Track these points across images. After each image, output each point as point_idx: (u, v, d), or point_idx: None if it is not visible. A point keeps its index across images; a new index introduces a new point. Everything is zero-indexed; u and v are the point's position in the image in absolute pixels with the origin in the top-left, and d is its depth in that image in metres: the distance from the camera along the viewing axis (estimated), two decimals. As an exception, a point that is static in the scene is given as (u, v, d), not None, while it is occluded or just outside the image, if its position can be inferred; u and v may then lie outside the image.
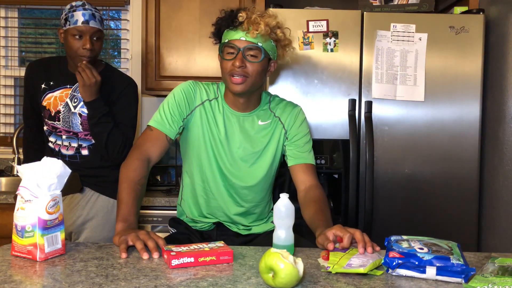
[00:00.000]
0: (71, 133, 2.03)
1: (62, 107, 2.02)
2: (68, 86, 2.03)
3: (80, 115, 2.00)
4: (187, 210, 1.70)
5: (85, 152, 2.04)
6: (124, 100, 2.05)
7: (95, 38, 1.95)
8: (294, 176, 1.66)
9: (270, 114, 1.66)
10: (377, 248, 1.23)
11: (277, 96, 1.73)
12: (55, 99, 2.03)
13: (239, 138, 1.61)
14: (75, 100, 2.02)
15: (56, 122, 2.03)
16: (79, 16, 1.92)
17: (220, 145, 1.60)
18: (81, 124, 2.01)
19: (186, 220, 1.72)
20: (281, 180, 2.07)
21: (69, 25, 1.93)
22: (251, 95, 1.60)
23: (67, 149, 2.03)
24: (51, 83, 2.05)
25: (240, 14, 1.50)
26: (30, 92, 2.10)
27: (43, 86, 2.06)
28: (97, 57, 2.01)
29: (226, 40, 1.53)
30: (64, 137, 2.03)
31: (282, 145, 1.66)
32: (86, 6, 1.95)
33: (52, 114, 2.03)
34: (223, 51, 1.56)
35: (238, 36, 1.51)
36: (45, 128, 2.07)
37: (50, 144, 2.06)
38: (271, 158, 1.65)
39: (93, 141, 2.03)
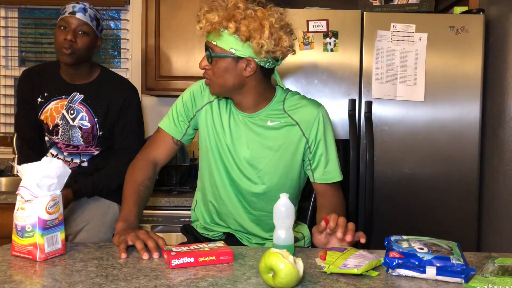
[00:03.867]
0: (71, 147, 1.96)
1: (60, 120, 1.94)
2: (64, 96, 1.95)
3: (80, 128, 1.94)
4: (200, 216, 1.62)
5: (84, 164, 2.00)
6: (128, 112, 1.97)
7: (80, 32, 1.85)
8: (314, 186, 1.54)
9: (283, 115, 1.47)
10: (362, 240, 1.22)
11: (296, 94, 1.52)
12: (51, 111, 1.95)
13: (246, 140, 1.47)
14: (72, 112, 1.94)
15: (55, 136, 1.95)
16: (69, 8, 1.86)
17: (226, 147, 1.49)
18: (81, 137, 1.94)
19: (199, 227, 1.63)
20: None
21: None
22: (248, 94, 1.43)
23: (69, 164, 1.97)
24: (46, 93, 1.96)
25: None
26: (25, 106, 2.00)
27: (39, 100, 1.96)
28: (81, 54, 1.87)
29: None
30: (65, 153, 1.97)
31: (302, 155, 1.48)
32: (81, 2, 1.88)
33: (50, 128, 1.95)
34: None
35: None
36: (46, 139, 2.01)
37: (49, 156, 1.98)
38: (284, 166, 1.48)
39: (94, 154, 1.99)
